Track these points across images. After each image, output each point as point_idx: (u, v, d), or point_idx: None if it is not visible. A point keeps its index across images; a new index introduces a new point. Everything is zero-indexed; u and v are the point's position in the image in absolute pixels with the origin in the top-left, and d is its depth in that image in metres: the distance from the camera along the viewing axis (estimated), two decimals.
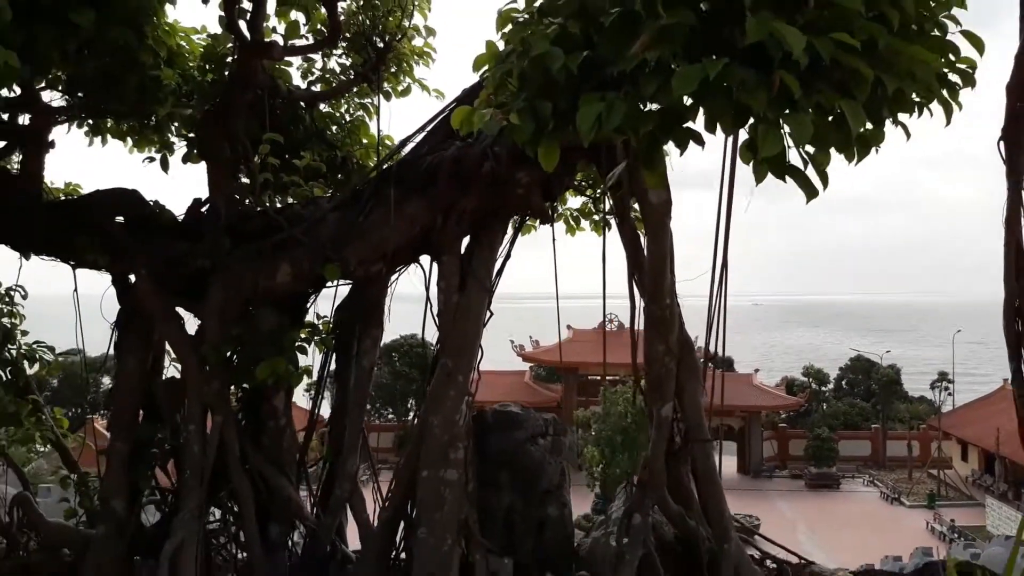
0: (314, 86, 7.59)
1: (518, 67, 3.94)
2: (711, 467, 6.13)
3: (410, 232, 6.37)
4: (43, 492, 11.93)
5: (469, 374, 6.31)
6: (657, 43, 3.59)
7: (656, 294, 5.89)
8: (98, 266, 6.77)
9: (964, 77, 4.40)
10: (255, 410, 6.96)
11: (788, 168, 3.68)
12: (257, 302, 6.54)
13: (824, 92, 3.67)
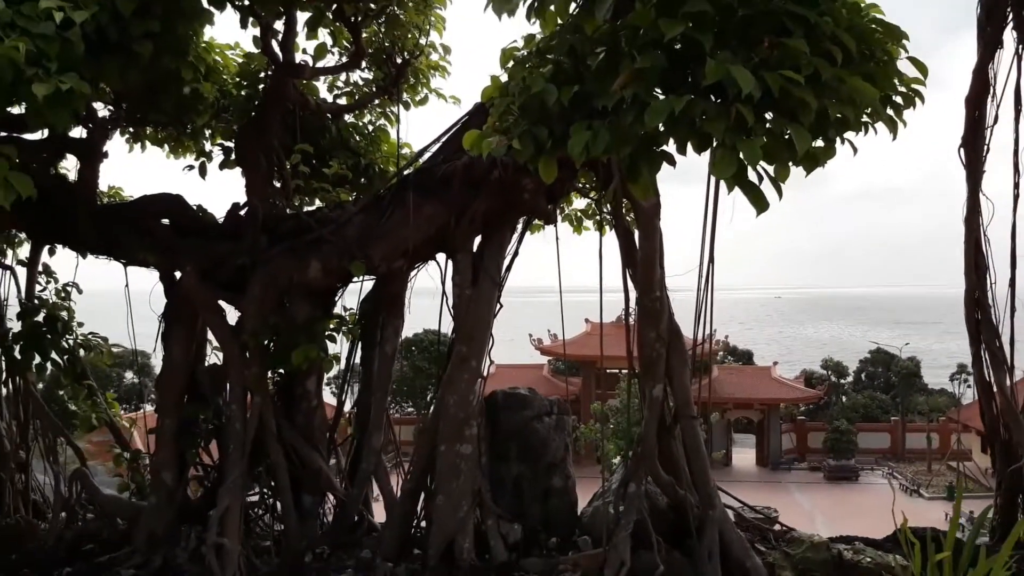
0: (339, 99, 8.30)
1: (519, 100, 4.66)
2: (698, 441, 6.82)
3: (427, 232, 7.07)
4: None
5: (481, 359, 7.04)
6: (633, 81, 4.30)
7: (647, 287, 6.59)
8: (147, 264, 7.53)
9: (906, 99, 5.10)
10: (290, 392, 7.74)
11: (745, 183, 4.37)
12: (291, 295, 7.30)
13: (775, 119, 4.37)
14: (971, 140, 6.85)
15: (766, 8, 4.41)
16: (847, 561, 6.81)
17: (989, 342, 6.90)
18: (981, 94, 6.81)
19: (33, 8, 5.04)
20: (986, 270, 6.90)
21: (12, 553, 7.45)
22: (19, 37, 4.86)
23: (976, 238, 6.89)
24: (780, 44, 4.33)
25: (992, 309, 6.97)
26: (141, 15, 5.47)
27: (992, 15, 6.74)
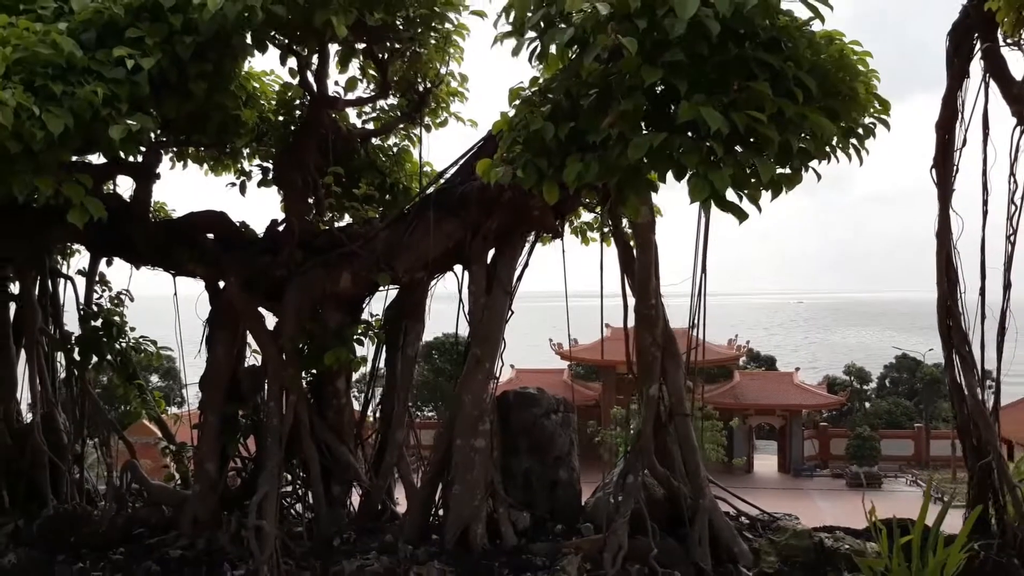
0: (368, 124, 9.08)
1: (523, 135, 5.39)
2: (690, 437, 7.49)
3: (446, 246, 7.82)
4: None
5: (494, 361, 7.76)
6: (619, 120, 5.03)
7: (643, 295, 7.28)
8: (194, 274, 8.34)
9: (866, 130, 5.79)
10: (321, 391, 8.51)
11: (720, 202, 5.07)
12: (324, 303, 8.07)
13: (743, 152, 5.08)
14: (941, 162, 7.48)
15: (735, 56, 5.12)
16: (827, 548, 7.45)
17: (959, 347, 7.51)
18: (950, 120, 7.44)
19: (106, 55, 5.85)
20: (956, 281, 7.52)
21: (71, 536, 8.25)
22: (96, 82, 5.67)
23: (947, 251, 7.51)
24: (747, 87, 5.05)
25: (963, 317, 7.60)
26: (197, 58, 6.26)
27: (959, 49, 7.39)
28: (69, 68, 5.69)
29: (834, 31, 6.84)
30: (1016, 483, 7.27)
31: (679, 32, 4.77)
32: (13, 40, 5.56)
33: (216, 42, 6.27)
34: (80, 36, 5.97)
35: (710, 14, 4.80)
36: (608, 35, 4.85)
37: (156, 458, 10.38)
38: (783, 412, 53.19)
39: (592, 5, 4.87)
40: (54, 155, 5.61)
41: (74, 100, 5.55)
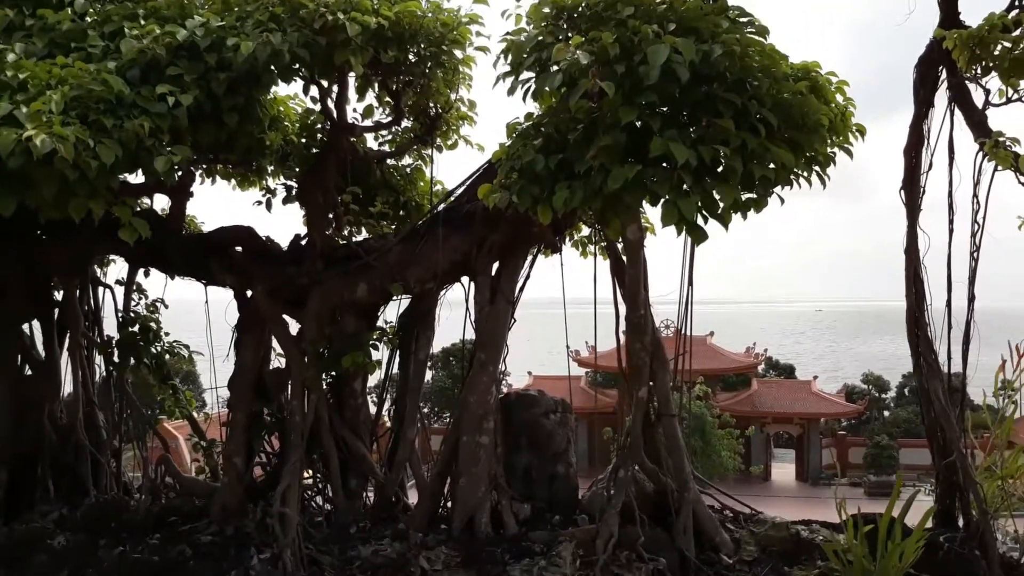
0: (383, 146, 9.83)
1: (518, 165, 6.10)
2: (676, 435, 8.15)
3: (454, 259, 8.53)
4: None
5: (497, 365, 8.47)
6: (601, 153, 5.73)
7: (633, 305, 7.96)
8: (225, 284, 9.11)
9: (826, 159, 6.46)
10: (340, 391, 9.25)
11: (688, 226, 5.75)
12: (342, 311, 8.81)
13: (710, 181, 5.77)
14: (908, 185, 8.11)
15: (704, 96, 5.82)
16: (803, 538, 8.08)
17: (926, 355, 8.12)
18: (916, 145, 8.06)
19: (150, 91, 6.61)
20: (923, 294, 8.14)
21: (111, 523, 9.02)
22: (142, 115, 6.43)
23: (914, 266, 8.12)
24: (713, 123, 5.74)
25: (930, 327, 8.21)
26: (230, 92, 7.02)
27: (925, 80, 8.00)
28: (118, 103, 6.43)
29: (812, 63, 7.59)
30: (977, 480, 7.86)
31: (653, 77, 5.48)
32: (71, 79, 6.32)
33: (247, 78, 7.03)
34: (126, 73, 6.72)
35: (680, 60, 5.50)
36: (590, 80, 5.55)
37: (175, 456, 11.14)
38: (801, 420, 53.35)
39: (576, 54, 5.57)
40: (105, 181, 6.34)
41: (123, 132, 6.28)
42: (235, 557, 8.05)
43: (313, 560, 7.84)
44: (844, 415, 55.86)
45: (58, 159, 5.74)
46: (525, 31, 6.38)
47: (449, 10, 8.01)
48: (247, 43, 6.68)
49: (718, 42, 5.74)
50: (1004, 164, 6.87)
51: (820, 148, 6.41)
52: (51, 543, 8.26)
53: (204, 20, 7.03)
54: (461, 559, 7.69)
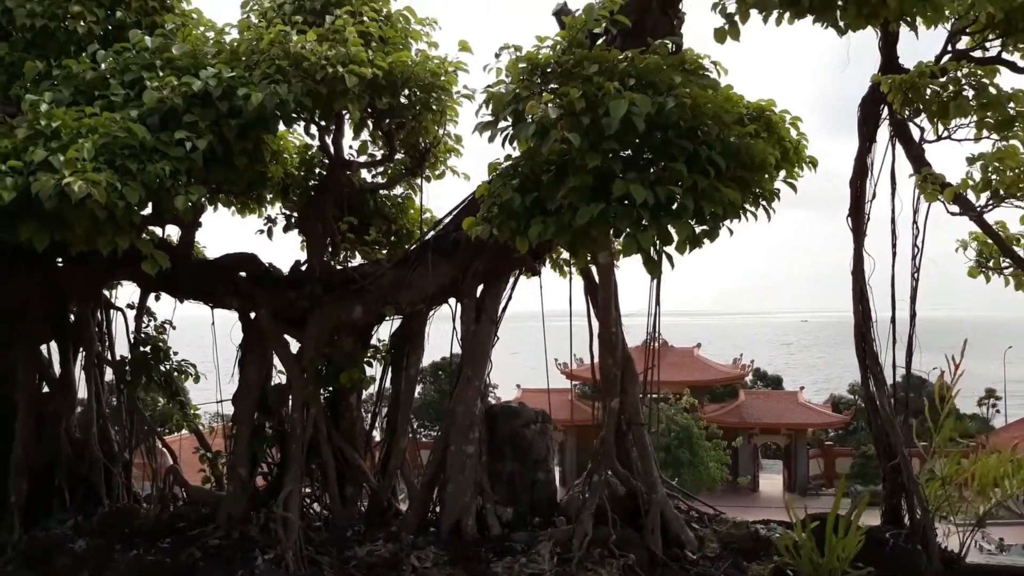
0: (376, 178, 10.64)
1: (498, 201, 6.90)
2: (645, 442, 8.93)
3: (442, 282, 9.31)
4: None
5: (482, 379, 9.26)
6: (570, 193, 6.53)
7: (605, 323, 8.76)
8: (230, 307, 9.87)
9: (770, 195, 7.27)
10: (337, 405, 10.00)
11: (645, 258, 6.54)
12: (339, 331, 9.57)
13: (664, 217, 6.56)
14: (855, 212, 8.95)
15: (660, 142, 6.64)
16: (761, 536, 8.86)
17: (872, 367, 8.95)
18: (861, 176, 8.91)
19: (169, 136, 7.39)
20: (869, 312, 8.96)
21: (124, 529, 9.71)
22: (162, 159, 7.20)
23: (861, 286, 8.94)
24: (668, 167, 6.56)
25: (876, 341, 9.04)
26: (240, 137, 7.80)
27: (868, 118, 8.87)
28: (141, 148, 7.21)
29: (767, 102, 8.49)
30: (919, 481, 8.66)
31: (614, 128, 6.29)
32: (100, 128, 7.10)
33: (255, 123, 7.81)
34: (147, 120, 7.50)
35: (638, 112, 6.31)
36: (559, 130, 6.37)
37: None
38: (788, 431, 53.92)
39: (547, 108, 6.38)
40: (130, 218, 7.12)
41: (145, 175, 7.06)
42: (241, 559, 8.74)
43: (313, 560, 8.56)
44: (831, 425, 56.41)
45: (91, 201, 6.51)
46: (504, 83, 7.18)
47: (437, 58, 8.84)
48: (256, 94, 7.47)
49: (672, 95, 6.56)
50: (930, 198, 7.72)
51: (766, 185, 7.23)
52: (71, 547, 8.95)
53: (216, 71, 7.81)
54: (449, 558, 8.44)
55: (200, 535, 9.43)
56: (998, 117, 7.85)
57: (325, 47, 7.80)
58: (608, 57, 6.84)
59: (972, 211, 8.13)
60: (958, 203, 8.21)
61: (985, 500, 8.88)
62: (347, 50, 7.81)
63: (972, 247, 9.25)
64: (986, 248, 8.99)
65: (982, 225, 8.35)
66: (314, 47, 7.73)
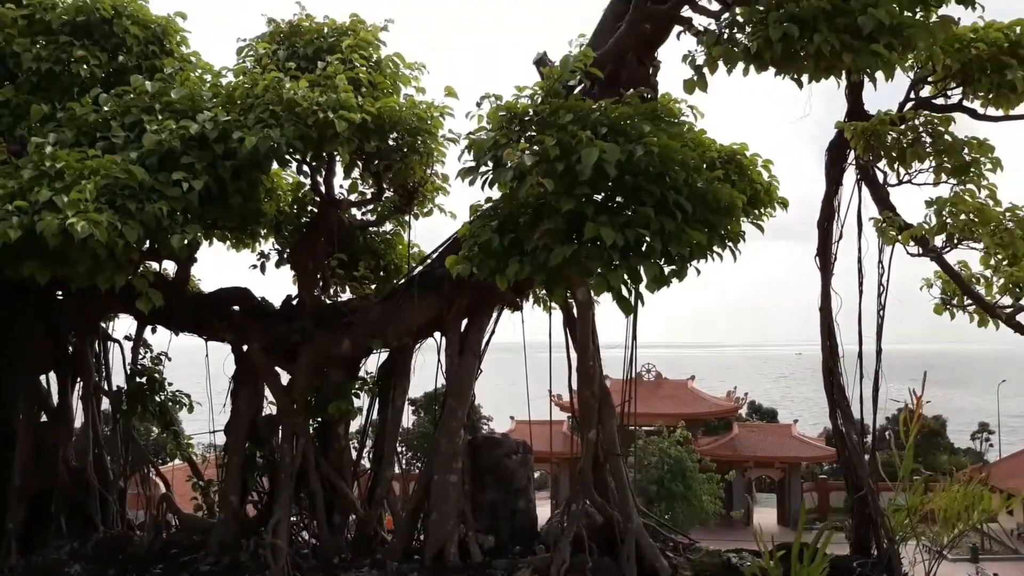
0: (366, 215, 11.05)
1: (479, 241, 7.29)
2: (621, 473, 9.22)
3: (427, 317, 9.67)
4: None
5: (466, 411, 9.59)
6: (545, 234, 6.92)
7: (583, 357, 9.10)
8: (224, 340, 10.22)
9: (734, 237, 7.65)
10: (325, 436, 10.32)
11: (616, 297, 6.91)
12: (328, 363, 9.93)
13: (634, 257, 6.94)
14: (823, 252, 9.36)
15: (630, 187, 7.04)
16: (733, 564, 9.14)
17: (840, 402, 9.30)
18: (828, 218, 9.33)
19: (167, 177, 7.79)
20: (836, 349, 9.34)
21: (118, 555, 9.98)
22: (160, 199, 7.59)
23: (829, 324, 9.33)
24: (636, 211, 6.95)
25: (843, 376, 9.40)
26: (234, 177, 8.20)
27: (834, 162, 9.30)
28: (140, 189, 7.60)
29: (741, 145, 8.92)
30: (884, 512, 8.98)
31: (586, 174, 6.70)
32: (101, 170, 7.50)
33: (250, 165, 8.22)
34: (146, 161, 7.90)
35: (609, 160, 6.72)
36: (535, 176, 6.78)
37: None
38: (782, 465, 53.97)
39: (523, 155, 6.80)
40: (128, 256, 7.50)
41: (144, 215, 7.44)
42: None
43: None
44: (824, 459, 56.34)
45: (93, 240, 6.89)
46: (485, 129, 7.61)
47: (424, 102, 9.29)
48: (251, 137, 7.89)
49: (641, 143, 6.97)
50: (889, 241, 8.13)
51: (733, 227, 7.62)
52: (67, 572, 9.22)
53: (213, 115, 8.23)
54: None
55: (192, 561, 9.71)
56: (955, 163, 8.30)
57: (317, 93, 8.23)
58: (582, 107, 7.27)
59: (932, 252, 8.54)
60: (919, 244, 8.62)
61: (949, 530, 9.17)
62: (338, 96, 8.23)
63: (936, 285, 9.64)
64: (948, 286, 9.38)
65: (942, 265, 8.76)
66: (306, 93, 8.15)
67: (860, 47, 6.69)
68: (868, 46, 6.66)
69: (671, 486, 40.85)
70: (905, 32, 6.76)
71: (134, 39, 9.51)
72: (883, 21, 6.54)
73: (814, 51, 6.68)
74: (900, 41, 6.84)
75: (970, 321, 9.62)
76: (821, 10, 6.64)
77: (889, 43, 6.71)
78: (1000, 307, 8.95)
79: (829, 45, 6.56)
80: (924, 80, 9.09)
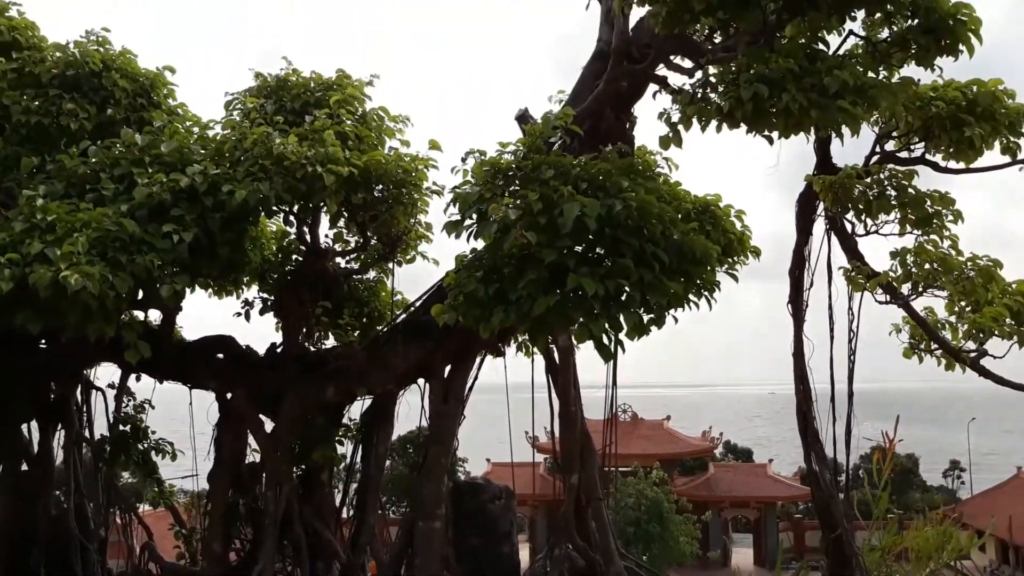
0: (349, 263, 11.24)
1: (464, 290, 7.51)
2: (603, 516, 9.40)
3: (411, 364, 9.83)
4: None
5: (449, 457, 9.73)
6: (528, 285, 7.15)
7: (565, 401, 9.32)
8: (208, 388, 10.31)
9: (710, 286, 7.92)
10: (308, 482, 10.39)
11: (599, 344, 7.15)
12: (313, 410, 10.04)
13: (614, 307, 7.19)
14: (795, 299, 9.69)
15: (610, 239, 7.31)
16: None
17: (813, 444, 9.56)
18: (800, 266, 9.68)
19: (157, 229, 7.94)
20: (809, 393, 9.62)
21: None
22: (150, 251, 7.74)
23: (802, 369, 9.64)
24: (616, 262, 7.22)
25: (817, 420, 9.67)
26: (223, 229, 8.37)
27: (804, 214, 9.69)
28: (131, 241, 7.75)
29: (715, 196, 9.25)
30: (859, 551, 9.18)
31: (568, 227, 6.96)
32: (93, 223, 7.64)
33: (238, 216, 8.41)
34: (136, 213, 8.05)
35: (589, 214, 7.00)
36: (519, 229, 7.03)
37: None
38: (757, 504, 54.11)
39: (506, 209, 7.06)
40: (118, 307, 7.62)
41: (135, 266, 7.58)
42: None
43: None
44: (800, 498, 56.47)
45: (85, 292, 7.02)
46: (470, 183, 7.87)
47: (409, 155, 9.55)
48: (240, 190, 8.07)
49: (620, 198, 7.26)
50: (857, 289, 8.46)
51: (708, 277, 7.91)
52: None
53: (203, 167, 8.41)
54: None
55: None
56: (918, 215, 8.69)
57: (305, 147, 8.46)
58: (563, 162, 7.56)
59: (899, 300, 8.88)
60: (887, 292, 8.96)
61: (923, 569, 9.39)
62: (326, 150, 8.46)
63: (905, 330, 9.97)
64: (916, 331, 9.71)
65: (910, 312, 9.09)
66: (295, 148, 8.38)
67: (827, 105, 7.04)
68: (834, 104, 7.01)
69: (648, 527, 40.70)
70: (869, 92, 7.14)
71: (123, 92, 9.72)
72: (848, 81, 6.93)
73: (783, 109, 7.02)
74: (864, 100, 7.22)
75: (937, 365, 9.94)
76: (789, 71, 7.01)
77: (854, 102, 7.09)
78: (965, 351, 9.27)
79: (797, 103, 6.89)
80: (888, 135, 9.52)
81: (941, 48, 7.51)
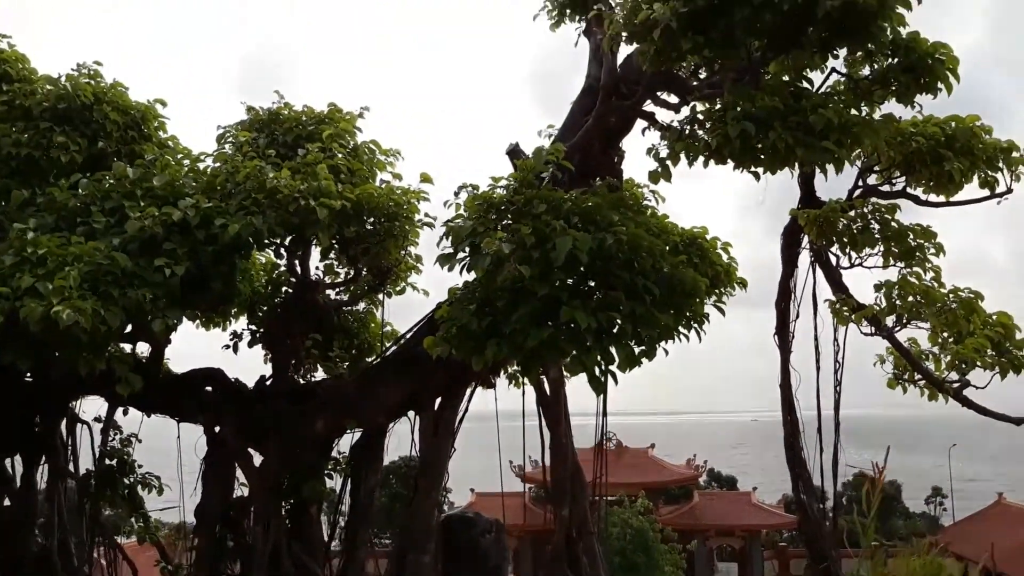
0: (339, 295, 11.27)
1: (457, 323, 7.56)
2: (593, 548, 9.40)
3: (402, 396, 9.85)
4: None
5: (439, 490, 9.72)
6: (521, 318, 7.22)
7: (555, 434, 9.35)
8: (196, 421, 10.25)
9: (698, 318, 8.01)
10: (297, 516, 10.31)
11: (591, 376, 7.21)
12: (302, 444, 10.00)
13: (606, 339, 7.26)
14: (781, 331, 9.81)
15: (601, 272, 7.40)
16: None
17: (801, 473, 9.65)
18: (785, 298, 9.82)
19: (148, 263, 7.94)
20: (797, 423, 9.72)
21: None
22: (142, 285, 7.74)
23: (789, 399, 9.74)
24: (607, 295, 7.31)
25: (804, 449, 9.76)
26: (215, 262, 8.39)
27: (790, 244, 9.84)
28: (122, 275, 7.74)
29: (700, 229, 9.35)
30: None
31: (560, 261, 7.05)
32: (85, 257, 7.64)
33: (230, 250, 8.42)
34: (128, 247, 8.05)
35: (581, 248, 7.09)
36: (512, 263, 7.11)
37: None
38: (742, 533, 54.01)
39: (499, 243, 7.14)
40: (109, 341, 7.61)
41: (126, 300, 7.57)
42: None
43: None
44: (784, 526, 56.52)
45: (76, 327, 7.00)
46: (463, 217, 7.95)
47: (400, 188, 9.64)
48: (233, 224, 8.11)
49: (611, 232, 7.37)
50: (842, 322, 8.59)
51: (697, 309, 8.01)
52: None
53: (195, 201, 8.43)
54: None
55: None
56: (901, 248, 8.85)
57: (298, 180, 8.52)
58: (555, 197, 7.66)
59: (884, 332, 9.01)
60: (872, 324, 9.10)
61: None
62: (319, 184, 8.53)
63: (889, 361, 10.11)
64: (900, 362, 9.85)
65: (894, 343, 9.23)
66: (288, 181, 8.44)
67: (812, 143, 7.21)
68: (819, 142, 7.18)
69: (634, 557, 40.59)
70: (853, 130, 7.33)
71: (114, 124, 9.76)
72: (832, 120, 7.10)
73: (769, 146, 7.18)
74: (848, 137, 7.41)
75: (921, 395, 10.07)
76: (775, 109, 7.18)
77: (838, 139, 7.26)
78: (948, 382, 9.41)
79: (783, 142, 7.06)
80: (870, 169, 9.72)
81: (920, 86, 7.73)
